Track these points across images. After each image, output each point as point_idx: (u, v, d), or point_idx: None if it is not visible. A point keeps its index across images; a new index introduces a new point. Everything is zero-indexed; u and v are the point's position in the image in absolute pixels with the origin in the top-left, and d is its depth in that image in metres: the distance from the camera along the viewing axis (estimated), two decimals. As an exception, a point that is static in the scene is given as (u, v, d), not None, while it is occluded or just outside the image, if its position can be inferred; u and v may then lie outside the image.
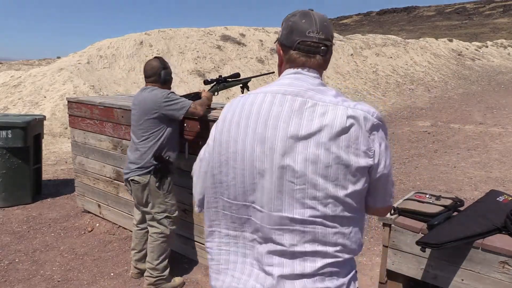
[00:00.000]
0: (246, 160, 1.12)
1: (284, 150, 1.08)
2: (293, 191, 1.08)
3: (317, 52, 1.17)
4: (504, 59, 26.06)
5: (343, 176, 1.07)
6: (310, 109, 1.09)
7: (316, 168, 1.06)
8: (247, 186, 1.12)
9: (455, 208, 2.52)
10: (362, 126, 1.08)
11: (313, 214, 1.08)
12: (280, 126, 1.09)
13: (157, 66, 2.81)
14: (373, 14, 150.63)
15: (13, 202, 4.39)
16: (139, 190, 2.77)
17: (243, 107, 1.16)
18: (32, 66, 17.46)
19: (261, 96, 1.16)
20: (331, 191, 1.07)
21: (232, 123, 1.15)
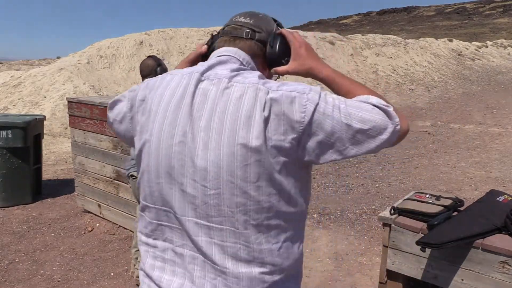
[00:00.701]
0: (161, 158, 0.97)
1: (191, 145, 0.92)
2: (206, 196, 0.92)
3: (240, 34, 1.05)
4: (504, 59, 26.07)
5: (266, 176, 0.90)
6: (225, 91, 0.93)
7: (232, 167, 0.89)
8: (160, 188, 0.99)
9: (455, 208, 2.52)
10: (285, 110, 0.89)
11: (232, 224, 0.92)
12: (186, 114, 0.94)
13: (152, 64, 2.84)
14: (373, 14, 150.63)
15: (13, 202, 4.39)
16: (137, 187, 2.77)
17: (157, 92, 1.01)
18: (32, 66, 17.46)
19: (178, 77, 1.00)
20: (253, 194, 0.90)
21: (145, 112, 1.01)
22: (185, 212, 0.95)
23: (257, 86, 0.91)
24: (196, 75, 0.98)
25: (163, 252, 1.01)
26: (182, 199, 0.95)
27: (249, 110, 0.89)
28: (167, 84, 1.00)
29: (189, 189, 0.93)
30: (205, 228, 0.93)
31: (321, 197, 4.77)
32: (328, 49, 15.74)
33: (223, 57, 1.02)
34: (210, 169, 0.90)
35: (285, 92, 0.90)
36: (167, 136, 0.95)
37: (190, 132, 0.93)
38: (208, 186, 0.91)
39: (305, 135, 0.90)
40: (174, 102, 0.96)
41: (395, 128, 0.94)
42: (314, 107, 0.89)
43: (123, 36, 12.14)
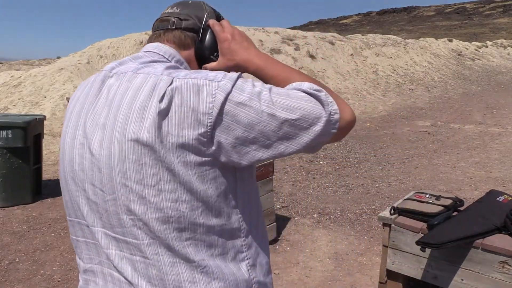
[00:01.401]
0: (65, 163, 0.88)
1: (89, 146, 0.82)
2: (105, 203, 0.80)
3: (165, 26, 0.94)
4: (504, 59, 26.07)
5: (169, 178, 0.76)
6: (125, 84, 0.82)
7: (123, 167, 0.77)
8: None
9: (455, 208, 2.52)
10: (189, 101, 0.75)
11: (134, 236, 0.79)
12: (87, 113, 0.85)
13: None
14: (373, 14, 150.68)
15: (13, 202, 4.39)
16: None
17: (75, 94, 0.94)
18: (32, 66, 17.47)
19: (91, 77, 0.92)
20: (153, 200, 0.76)
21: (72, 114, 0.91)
22: (94, 223, 0.83)
23: (160, 76, 0.79)
24: (104, 72, 0.88)
25: (85, 273, 0.89)
26: (89, 208, 0.83)
27: (144, 101, 0.77)
28: (82, 85, 0.92)
29: (91, 195, 0.82)
30: (113, 240, 0.81)
31: (321, 197, 4.77)
32: (328, 49, 15.74)
33: (139, 53, 0.91)
34: (104, 171, 0.78)
35: (191, 80, 0.77)
36: (69, 138, 0.86)
37: (89, 132, 0.82)
38: (105, 190, 0.79)
39: (217, 130, 0.75)
40: (79, 102, 0.88)
41: (329, 117, 0.79)
42: (225, 95, 0.75)
43: (123, 36, 12.14)
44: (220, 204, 0.80)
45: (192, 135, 0.75)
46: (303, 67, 13.69)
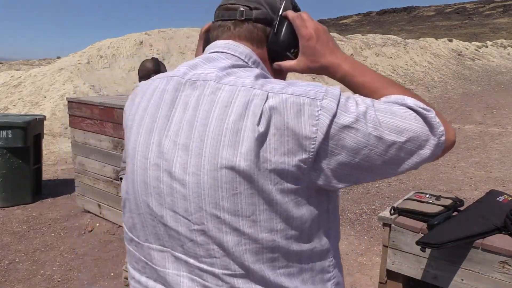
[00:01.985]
0: (137, 185, 0.79)
1: (168, 168, 0.73)
2: (191, 232, 0.72)
3: (232, 16, 0.81)
4: (504, 59, 26.07)
5: (266, 208, 0.69)
6: (209, 97, 0.71)
7: (216, 197, 0.69)
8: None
9: (455, 208, 2.52)
10: (290, 123, 0.66)
11: (225, 267, 0.73)
12: (161, 129, 0.75)
13: (149, 68, 2.83)
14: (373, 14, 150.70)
15: (13, 202, 4.39)
16: None
17: (135, 102, 0.83)
18: (32, 66, 17.47)
19: (156, 82, 0.80)
20: (248, 232, 0.70)
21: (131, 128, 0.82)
22: (174, 249, 0.76)
23: (252, 90, 0.69)
24: (175, 79, 0.77)
25: None
26: (167, 234, 0.75)
27: (237, 122, 0.67)
28: (144, 92, 0.81)
29: (171, 222, 0.74)
30: (197, 269, 0.74)
31: (321, 197, 4.77)
32: (328, 49, 15.74)
33: (212, 55, 0.80)
34: (191, 200, 0.70)
35: (290, 97, 0.67)
36: (141, 157, 0.76)
37: (166, 152, 0.73)
38: (191, 220, 0.72)
39: (320, 156, 0.68)
40: (149, 115, 0.76)
41: (439, 141, 0.71)
42: (330, 118, 0.66)
43: (123, 36, 12.14)
44: (312, 228, 0.74)
45: (293, 162, 0.67)
46: (303, 67, 13.69)
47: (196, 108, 0.71)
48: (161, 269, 0.78)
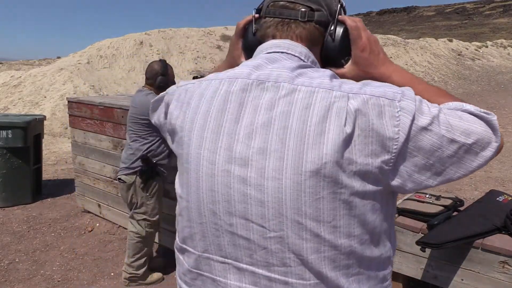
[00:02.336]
0: (202, 192, 0.76)
1: (240, 174, 0.71)
2: (265, 240, 0.70)
3: (293, 15, 0.79)
4: (504, 59, 26.08)
5: (345, 212, 0.68)
6: (285, 98, 0.70)
7: (299, 202, 0.68)
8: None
9: (455, 208, 2.52)
10: (374, 124, 0.67)
11: (300, 276, 0.72)
12: (230, 133, 0.72)
13: (156, 70, 2.84)
14: (373, 14, 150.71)
15: (13, 202, 4.39)
16: (124, 190, 2.83)
17: (191, 104, 0.80)
18: (32, 66, 17.47)
19: (215, 83, 0.77)
20: (328, 238, 0.69)
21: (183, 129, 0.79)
22: (239, 259, 0.73)
23: (332, 92, 0.68)
24: (240, 80, 0.74)
25: None
26: (232, 244, 0.73)
27: (320, 124, 0.67)
28: (202, 94, 0.77)
29: (241, 230, 0.72)
30: (265, 279, 0.72)
31: (321, 197, 4.77)
32: (328, 49, 15.76)
33: (273, 55, 0.78)
34: (269, 205, 0.69)
35: (370, 98, 0.67)
36: (207, 163, 0.73)
37: (238, 157, 0.70)
38: (267, 227, 0.69)
39: (400, 157, 0.68)
40: (214, 118, 0.74)
41: (499, 143, 0.73)
42: (411, 119, 0.67)
43: (123, 36, 12.15)
44: (381, 232, 0.74)
45: (376, 163, 0.67)
46: (303, 67, 13.70)
47: (271, 110, 0.70)
48: (222, 280, 0.76)
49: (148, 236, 2.88)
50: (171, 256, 3.20)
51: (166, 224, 3.20)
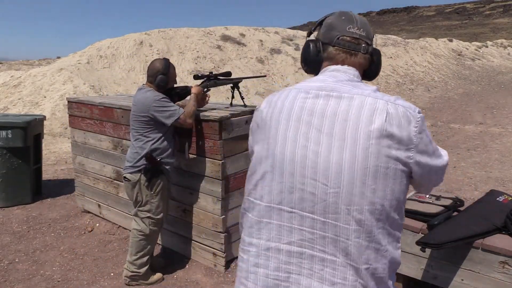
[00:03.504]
0: (285, 161, 1.07)
1: (314, 149, 1.02)
2: (325, 194, 1.03)
3: (357, 49, 1.14)
4: (504, 59, 26.06)
5: (382, 181, 1.00)
6: (346, 102, 1.03)
7: (352, 169, 0.99)
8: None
9: (455, 208, 2.52)
10: (403, 126, 1.01)
11: (346, 221, 1.01)
12: (307, 123, 1.04)
13: (157, 68, 2.84)
14: (373, 14, 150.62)
15: (13, 202, 4.39)
16: (129, 188, 2.84)
17: (277, 105, 1.12)
18: (32, 66, 17.46)
19: (293, 92, 1.11)
20: (370, 197, 1.00)
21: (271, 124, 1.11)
22: (304, 209, 1.03)
23: (377, 100, 1.02)
24: (314, 92, 1.08)
25: (266, 250, 1.08)
26: (301, 197, 1.03)
27: (370, 118, 1.00)
28: (285, 99, 1.11)
29: (309, 187, 1.02)
30: (320, 223, 1.02)
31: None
32: (328, 49, 15.74)
33: (336, 73, 1.12)
34: (332, 170, 1.00)
35: (401, 108, 1.03)
36: (291, 142, 1.05)
37: (313, 138, 1.02)
38: (329, 185, 1.00)
39: (417, 151, 1.03)
40: (295, 113, 1.06)
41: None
42: (424, 125, 1.05)
43: (123, 36, 12.14)
44: (401, 203, 1.05)
45: (405, 154, 1.01)
46: (303, 67, 13.68)
47: (335, 110, 1.03)
48: (287, 224, 1.05)
49: (152, 234, 2.88)
50: (171, 256, 3.21)
51: (166, 224, 3.20)
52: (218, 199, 2.95)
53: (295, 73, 13.28)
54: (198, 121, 2.95)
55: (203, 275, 3.06)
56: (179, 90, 3.04)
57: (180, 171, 3.12)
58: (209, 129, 2.90)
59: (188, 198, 3.14)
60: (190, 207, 3.15)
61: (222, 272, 3.06)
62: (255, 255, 1.09)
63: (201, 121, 2.94)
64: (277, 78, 12.81)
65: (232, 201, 3.06)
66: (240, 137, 3.02)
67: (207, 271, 3.10)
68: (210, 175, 2.96)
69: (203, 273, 3.09)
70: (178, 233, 3.30)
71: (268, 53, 13.92)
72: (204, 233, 3.11)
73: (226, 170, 2.95)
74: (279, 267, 1.05)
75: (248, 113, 3.08)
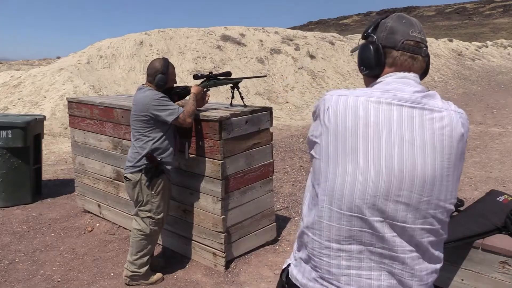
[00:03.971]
0: (380, 177, 1.08)
1: (408, 160, 1.06)
2: (419, 203, 1.08)
3: (419, 52, 1.17)
4: (504, 59, 26.06)
5: (452, 188, 1.10)
6: (429, 115, 1.08)
7: (435, 181, 1.07)
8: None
9: (455, 208, 2.52)
10: (466, 131, 1.11)
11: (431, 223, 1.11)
12: (405, 135, 1.06)
13: (156, 68, 2.84)
14: (373, 14, 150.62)
15: (13, 202, 4.39)
16: (130, 188, 2.84)
17: (358, 115, 1.09)
18: (32, 66, 17.46)
19: (374, 103, 1.09)
20: (446, 204, 1.11)
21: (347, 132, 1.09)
22: (395, 219, 1.07)
23: (456, 114, 1.11)
24: (396, 103, 1.10)
25: (359, 253, 1.12)
26: (395, 209, 1.07)
27: (452, 131, 1.08)
28: (366, 108, 1.09)
29: (404, 199, 1.07)
30: (410, 230, 1.09)
31: (321, 197, 4.77)
32: (328, 49, 15.74)
33: (408, 81, 1.16)
34: (428, 181, 1.06)
35: (463, 116, 1.12)
36: (386, 155, 1.06)
37: (407, 151, 1.06)
38: (423, 194, 1.06)
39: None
40: (384, 125, 1.07)
41: None
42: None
43: (123, 36, 12.14)
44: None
45: (462, 158, 1.12)
46: (303, 67, 13.69)
47: (423, 123, 1.08)
48: (380, 234, 1.10)
49: (152, 234, 2.88)
50: (171, 256, 3.21)
51: (166, 224, 3.20)
52: (218, 199, 2.95)
53: (295, 73, 13.27)
54: (198, 121, 2.95)
55: (203, 275, 3.06)
56: (178, 89, 3.04)
57: (180, 171, 3.12)
58: (209, 129, 2.90)
59: (188, 198, 3.13)
60: (190, 207, 3.15)
61: (222, 272, 3.06)
62: (347, 258, 1.12)
63: (201, 121, 2.94)
64: (277, 78, 12.81)
65: (232, 201, 3.06)
66: (240, 137, 3.02)
67: (207, 271, 3.10)
68: (210, 175, 2.96)
69: (203, 273, 3.09)
70: (178, 233, 3.30)
71: (268, 53, 13.92)
72: (204, 233, 3.11)
73: (226, 170, 2.95)
74: (371, 266, 1.12)
75: (248, 113, 3.08)
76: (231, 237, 3.09)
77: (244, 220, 3.18)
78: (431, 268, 1.13)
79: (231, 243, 3.11)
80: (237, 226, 3.14)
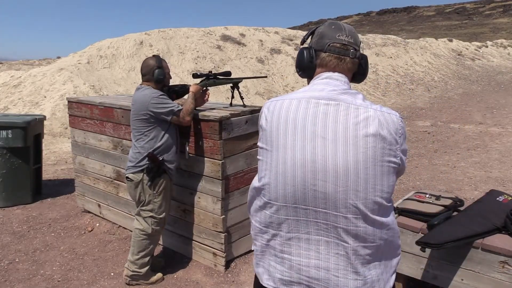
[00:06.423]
0: (296, 168, 1.19)
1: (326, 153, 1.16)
2: (336, 193, 1.16)
3: (346, 54, 1.26)
4: (504, 59, 26.06)
5: (380, 178, 1.16)
6: (344, 111, 1.16)
7: (356, 169, 1.14)
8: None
9: (455, 208, 2.52)
10: (391, 130, 1.17)
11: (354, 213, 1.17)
12: (317, 130, 1.16)
13: (151, 64, 2.84)
14: (373, 14, 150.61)
15: (13, 202, 4.39)
16: (132, 188, 2.84)
17: (281, 114, 1.22)
18: (32, 66, 17.46)
19: (295, 102, 1.21)
20: (370, 190, 1.16)
21: (279, 130, 1.22)
22: (316, 206, 1.18)
23: (367, 109, 1.17)
24: (314, 101, 1.20)
25: (289, 239, 1.23)
26: (314, 197, 1.17)
27: (365, 126, 1.15)
28: (288, 108, 1.22)
29: (321, 188, 1.16)
30: (333, 216, 1.17)
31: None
32: (328, 49, 15.72)
33: (330, 81, 1.24)
34: (340, 172, 1.14)
35: (388, 115, 1.19)
36: (299, 150, 1.17)
37: (319, 145, 1.15)
38: (338, 184, 1.14)
39: (401, 151, 1.21)
40: (300, 122, 1.18)
41: None
42: (403, 128, 1.22)
43: (123, 36, 12.14)
44: (392, 193, 1.22)
45: (394, 153, 1.18)
46: (303, 67, 13.66)
47: (336, 118, 1.16)
48: (303, 219, 1.21)
49: (154, 233, 2.88)
50: (171, 256, 3.20)
51: (166, 224, 3.20)
52: (218, 199, 2.95)
53: (295, 73, 13.26)
54: (198, 121, 2.95)
55: (203, 275, 3.06)
56: (177, 88, 3.05)
57: (180, 171, 3.12)
58: (209, 129, 2.90)
59: (188, 198, 3.14)
60: (190, 207, 3.15)
61: (222, 272, 3.06)
62: (280, 243, 1.25)
63: (201, 121, 2.94)
64: (277, 78, 12.81)
65: (232, 201, 3.06)
66: (240, 137, 3.02)
67: (207, 271, 3.10)
68: (210, 175, 2.96)
69: (203, 273, 3.09)
70: (178, 233, 3.30)
71: (268, 53, 13.92)
72: (204, 233, 3.11)
73: (226, 170, 2.95)
74: (300, 253, 1.22)
75: (248, 113, 3.08)
76: (231, 237, 3.09)
77: (244, 220, 3.18)
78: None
79: (231, 243, 3.11)
80: (237, 226, 3.15)
